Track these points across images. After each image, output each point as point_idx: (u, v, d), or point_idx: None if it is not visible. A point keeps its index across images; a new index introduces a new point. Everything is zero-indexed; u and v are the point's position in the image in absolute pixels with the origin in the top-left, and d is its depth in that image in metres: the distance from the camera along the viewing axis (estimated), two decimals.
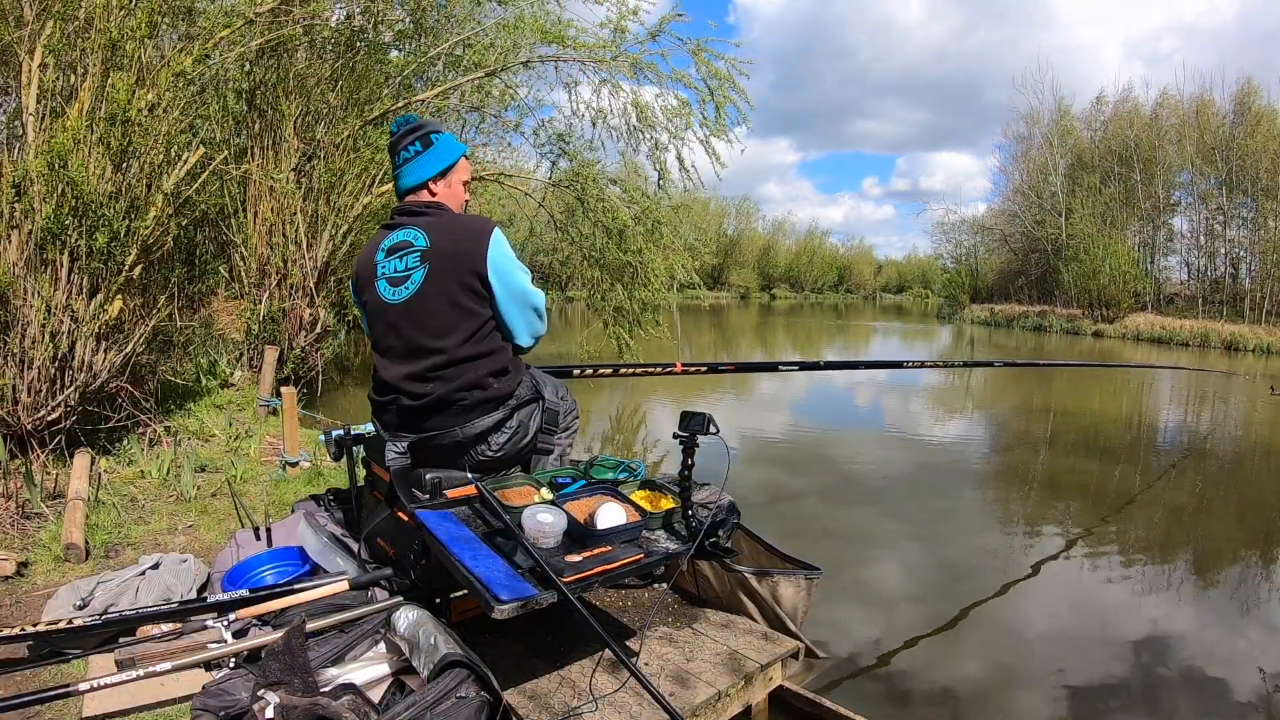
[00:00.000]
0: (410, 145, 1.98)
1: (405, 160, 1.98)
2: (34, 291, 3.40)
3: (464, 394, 1.88)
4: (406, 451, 1.89)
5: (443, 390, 1.87)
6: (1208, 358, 18.18)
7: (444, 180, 2.01)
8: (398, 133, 2.00)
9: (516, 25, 7.13)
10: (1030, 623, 3.17)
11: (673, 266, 8.21)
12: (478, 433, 1.90)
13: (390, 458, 1.88)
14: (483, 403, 1.90)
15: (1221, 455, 6.73)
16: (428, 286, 1.85)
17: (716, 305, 43.26)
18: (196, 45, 4.47)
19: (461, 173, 2.05)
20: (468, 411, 1.89)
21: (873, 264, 72.05)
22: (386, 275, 1.92)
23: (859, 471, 5.81)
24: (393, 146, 2.00)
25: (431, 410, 1.89)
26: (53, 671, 1.83)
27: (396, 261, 1.91)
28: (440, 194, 2.00)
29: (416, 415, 1.91)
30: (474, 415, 1.90)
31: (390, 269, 1.92)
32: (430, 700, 1.35)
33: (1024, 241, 33.81)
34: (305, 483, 3.66)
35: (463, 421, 1.89)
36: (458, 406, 1.88)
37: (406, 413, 1.92)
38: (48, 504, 2.97)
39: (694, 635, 2.18)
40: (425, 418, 1.91)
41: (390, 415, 1.95)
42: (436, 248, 1.87)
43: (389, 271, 1.92)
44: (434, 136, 2.00)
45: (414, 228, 1.93)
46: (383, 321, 1.93)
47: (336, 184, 6.50)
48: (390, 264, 1.92)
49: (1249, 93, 25.92)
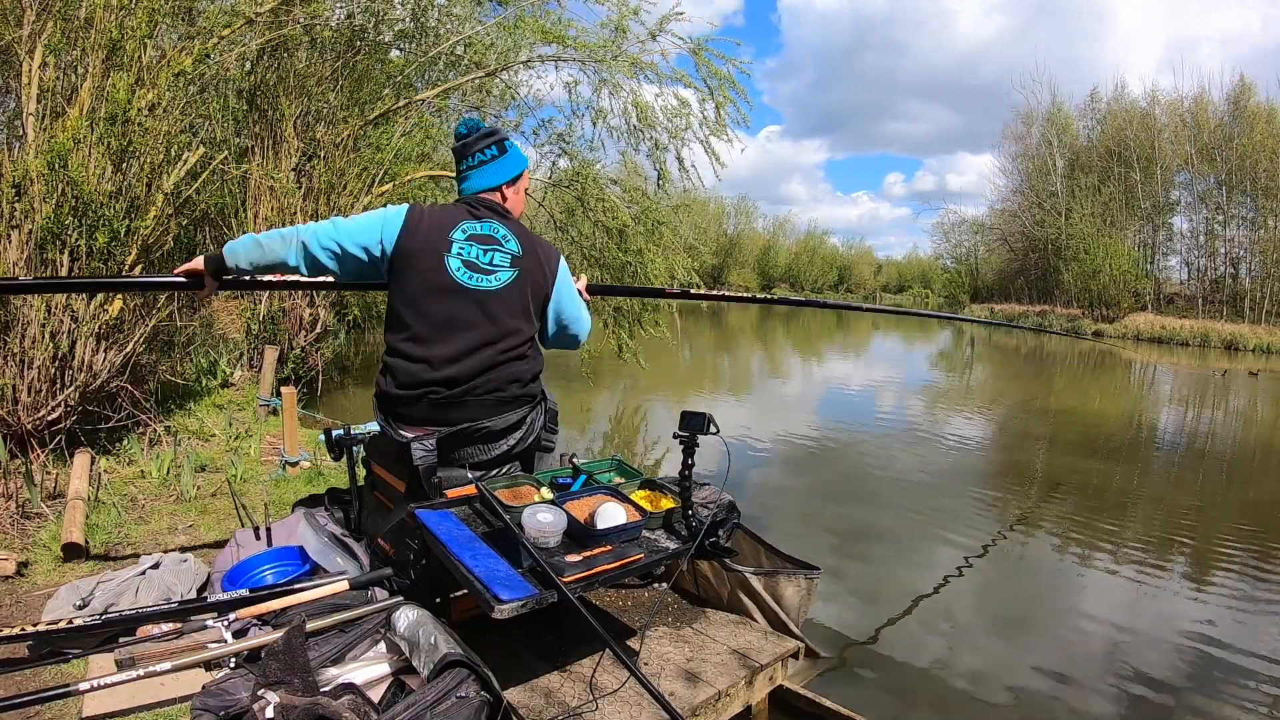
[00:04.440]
0: (488, 148, 2.04)
1: (481, 162, 2.04)
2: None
3: (506, 388, 1.94)
4: (435, 449, 1.88)
5: (494, 377, 1.92)
6: (1208, 357, 18.18)
7: (514, 186, 2.08)
8: (471, 134, 2.05)
9: (516, 25, 7.13)
10: (1031, 622, 3.17)
11: (673, 266, 8.19)
12: (505, 426, 1.96)
13: (419, 456, 1.85)
14: (518, 398, 1.98)
15: (1219, 453, 6.72)
16: (512, 289, 1.94)
17: (716, 305, 43.21)
18: (196, 45, 4.46)
19: (525, 181, 2.13)
20: (503, 405, 1.95)
21: (873, 264, 72.01)
22: (465, 259, 1.91)
23: (859, 471, 5.81)
24: (466, 147, 2.04)
25: (471, 397, 1.90)
26: (53, 671, 1.83)
27: (480, 251, 1.93)
28: (510, 199, 2.08)
29: (455, 405, 1.90)
30: (507, 409, 1.96)
31: (472, 255, 1.92)
32: (430, 700, 1.35)
33: (1024, 241, 33.82)
34: (305, 483, 3.66)
35: (496, 414, 1.94)
36: (495, 398, 1.93)
37: (442, 404, 1.89)
38: (48, 504, 2.97)
39: (694, 635, 2.18)
40: (463, 408, 1.91)
41: (421, 406, 1.90)
42: (526, 259, 1.97)
43: (469, 257, 1.92)
44: (508, 144, 2.07)
45: (503, 226, 1.98)
46: (450, 302, 1.89)
47: (337, 184, 6.50)
48: (473, 250, 1.92)
49: (1244, 91, 25.95)
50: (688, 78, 7.46)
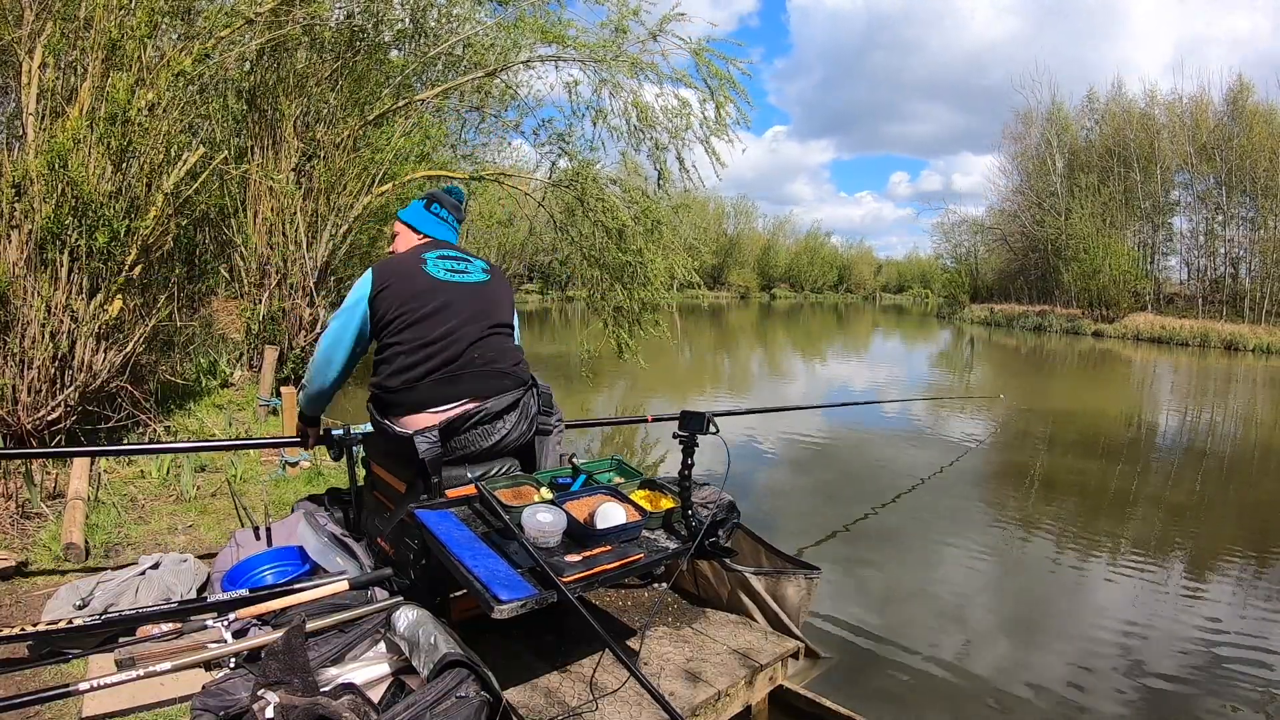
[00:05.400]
0: (461, 214, 2.36)
1: (458, 220, 2.34)
2: (34, 291, 3.40)
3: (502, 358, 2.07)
4: (438, 439, 1.91)
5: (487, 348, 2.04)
6: (1208, 357, 18.18)
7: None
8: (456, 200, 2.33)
9: (516, 25, 7.13)
10: (1031, 622, 3.17)
11: (672, 266, 8.19)
12: (502, 407, 2.02)
13: (424, 448, 1.88)
14: (512, 373, 2.09)
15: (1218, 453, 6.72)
16: (492, 286, 2.15)
17: (716, 305, 43.25)
18: (196, 45, 4.47)
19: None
20: (501, 376, 2.05)
21: (873, 264, 72.05)
22: (443, 267, 2.08)
23: (859, 471, 5.81)
24: (455, 207, 2.32)
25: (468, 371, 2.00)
26: (53, 671, 1.83)
27: (453, 262, 2.11)
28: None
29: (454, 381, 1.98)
30: (504, 382, 2.05)
31: (446, 265, 2.09)
32: (430, 700, 1.35)
33: (1023, 241, 33.82)
34: (305, 483, 3.66)
35: (494, 388, 2.02)
36: (493, 369, 2.04)
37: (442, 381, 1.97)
38: (48, 504, 2.97)
39: (694, 635, 2.18)
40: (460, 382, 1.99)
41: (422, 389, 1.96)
42: (494, 273, 2.21)
43: (445, 265, 2.09)
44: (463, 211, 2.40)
45: (465, 256, 2.18)
46: (436, 295, 2.02)
47: (336, 184, 6.50)
48: (444, 263, 2.10)
49: (1243, 91, 25.95)
50: (688, 78, 7.47)
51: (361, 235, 7.10)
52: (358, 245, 7.15)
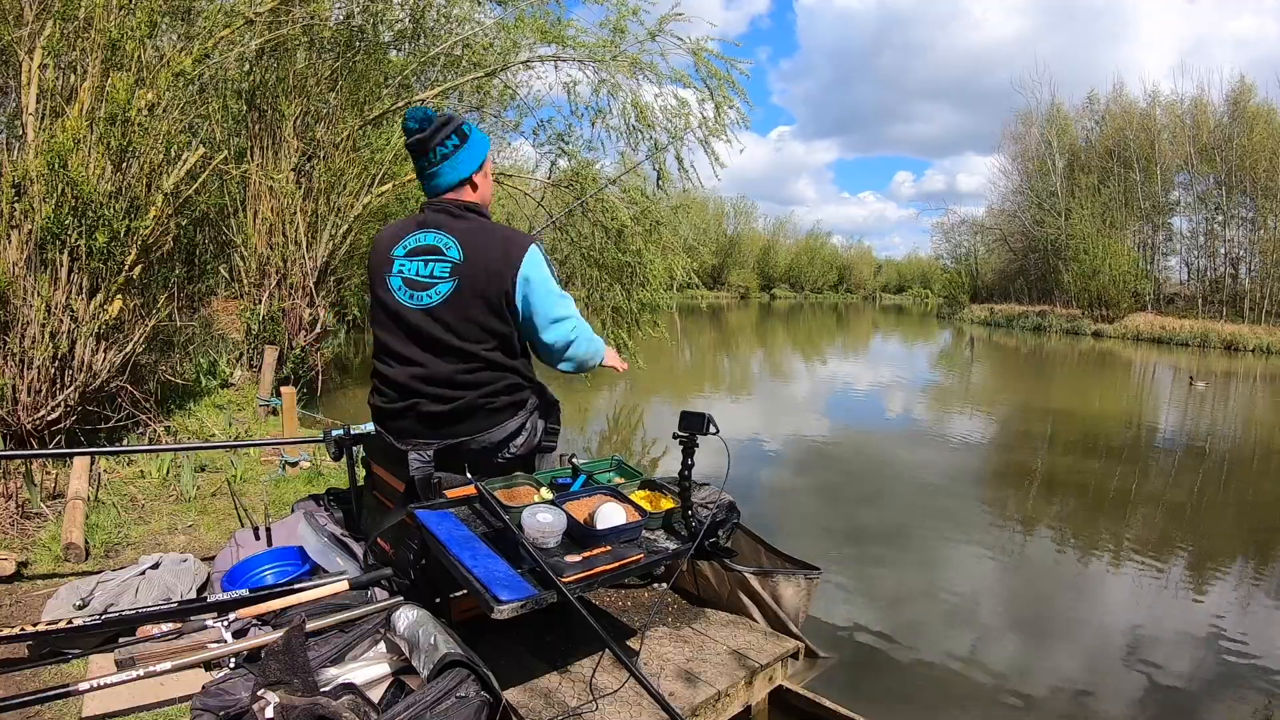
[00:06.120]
0: (448, 140, 1.83)
1: (444, 156, 1.84)
2: (34, 291, 3.40)
3: (491, 399, 1.86)
4: (433, 459, 1.86)
5: (471, 396, 1.83)
6: (1208, 357, 18.18)
7: (481, 172, 1.92)
8: (424, 128, 1.82)
9: (516, 25, 7.13)
10: (1032, 622, 3.18)
11: (672, 266, 8.19)
12: (504, 436, 1.91)
13: (415, 466, 1.84)
14: (508, 407, 1.90)
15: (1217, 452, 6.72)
16: (455, 299, 1.78)
17: (716, 305, 43.25)
18: (196, 45, 4.47)
19: (490, 163, 1.97)
20: (496, 414, 1.88)
21: (873, 264, 72.08)
22: (406, 276, 1.83)
23: (859, 471, 5.81)
24: (423, 143, 1.82)
25: (463, 415, 1.85)
26: (53, 671, 1.83)
27: (420, 265, 1.82)
28: (480, 187, 1.92)
29: (446, 419, 1.85)
30: (501, 419, 1.90)
31: (412, 271, 1.83)
32: (430, 700, 1.35)
33: (1023, 241, 33.83)
34: (305, 483, 3.66)
35: (490, 426, 1.88)
36: (485, 411, 1.86)
37: (432, 418, 1.85)
38: (48, 504, 2.97)
39: (694, 635, 2.18)
40: (456, 421, 1.85)
41: (408, 421, 1.87)
42: (468, 264, 1.78)
43: (409, 273, 1.83)
44: (467, 128, 1.86)
45: (448, 234, 1.82)
46: (399, 325, 1.84)
47: (336, 184, 6.50)
48: (412, 266, 1.83)
49: (1243, 91, 25.96)
50: (687, 78, 7.46)
51: (362, 235, 7.10)
52: (358, 245, 7.15)
